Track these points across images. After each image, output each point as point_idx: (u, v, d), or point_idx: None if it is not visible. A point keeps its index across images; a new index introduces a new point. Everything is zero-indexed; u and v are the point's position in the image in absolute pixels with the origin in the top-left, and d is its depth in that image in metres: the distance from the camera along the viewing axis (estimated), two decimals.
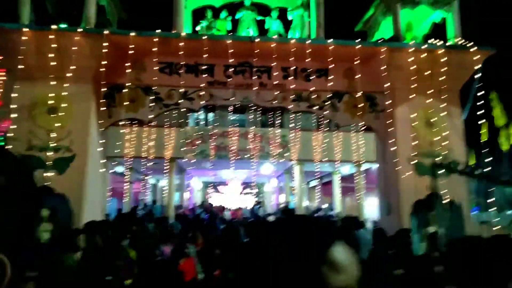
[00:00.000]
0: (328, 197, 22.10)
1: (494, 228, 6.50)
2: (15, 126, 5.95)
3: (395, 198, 6.46)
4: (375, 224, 13.02)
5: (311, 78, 6.66)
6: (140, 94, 6.55)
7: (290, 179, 18.45)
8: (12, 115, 5.99)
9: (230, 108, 7.15)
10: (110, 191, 15.19)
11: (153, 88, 6.48)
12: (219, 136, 14.71)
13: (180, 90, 6.53)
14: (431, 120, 6.48)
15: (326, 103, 6.69)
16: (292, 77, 6.60)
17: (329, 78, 6.62)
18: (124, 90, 6.44)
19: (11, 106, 6.00)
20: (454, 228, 5.77)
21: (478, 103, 6.37)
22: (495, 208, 7.46)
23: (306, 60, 6.33)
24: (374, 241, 5.68)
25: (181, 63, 6.51)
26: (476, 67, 6.39)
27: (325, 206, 20.72)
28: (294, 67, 6.58)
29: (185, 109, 7.19)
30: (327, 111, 6.70)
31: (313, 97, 6.65)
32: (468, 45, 6.48)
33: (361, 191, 15.93)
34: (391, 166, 6.56)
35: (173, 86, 6.57)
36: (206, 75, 6.59)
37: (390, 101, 6.56)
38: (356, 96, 6.68)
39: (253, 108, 14.52)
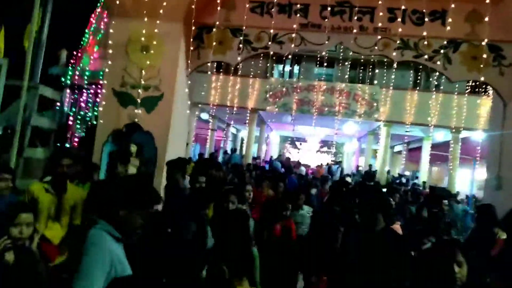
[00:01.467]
0: (413, 164, 20.55)
1: None
2: (111, 63, 6.17)
3: (510, 172, 5.45)
4: (475, 199, 11.70)
5: (423, 21, 5.65)
6: (228, 36, 6.27)
7: (374, 141, 17.37)
8: (109, 51, 6.20)
9: (319, 56, 6.50)
10: (194, 136, 15.89)
11: (242, 29, 6.13)
12: (303, 90, 14.07)
13: (270, 33, 6.08)
14: None
15: (437, 53, 5.68)
16: (400, 20, 5.68)
17: (446, 22, 5.55)
18: (213, 31, 6.21)
19: (109, 42, 6.20)
20: None
21: None
22: None
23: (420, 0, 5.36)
24: (479, 218, 4.93)
25: (274, 1, 6.00)
26: None
27: (407, 173, 19.37)
28: (404, 7, 5.63)
29: (273, 55, 6.74)
30: (438, 63, 5.70)
31: (422, 45, 5.69)
32: None
33: (456, 160, 14.35)
34: None
35: (263, 28, 6.14)
36: (300, 15, 6.00)
37: None
38: (478, 45, 5.54)
39: (342, 61, 13.51)
